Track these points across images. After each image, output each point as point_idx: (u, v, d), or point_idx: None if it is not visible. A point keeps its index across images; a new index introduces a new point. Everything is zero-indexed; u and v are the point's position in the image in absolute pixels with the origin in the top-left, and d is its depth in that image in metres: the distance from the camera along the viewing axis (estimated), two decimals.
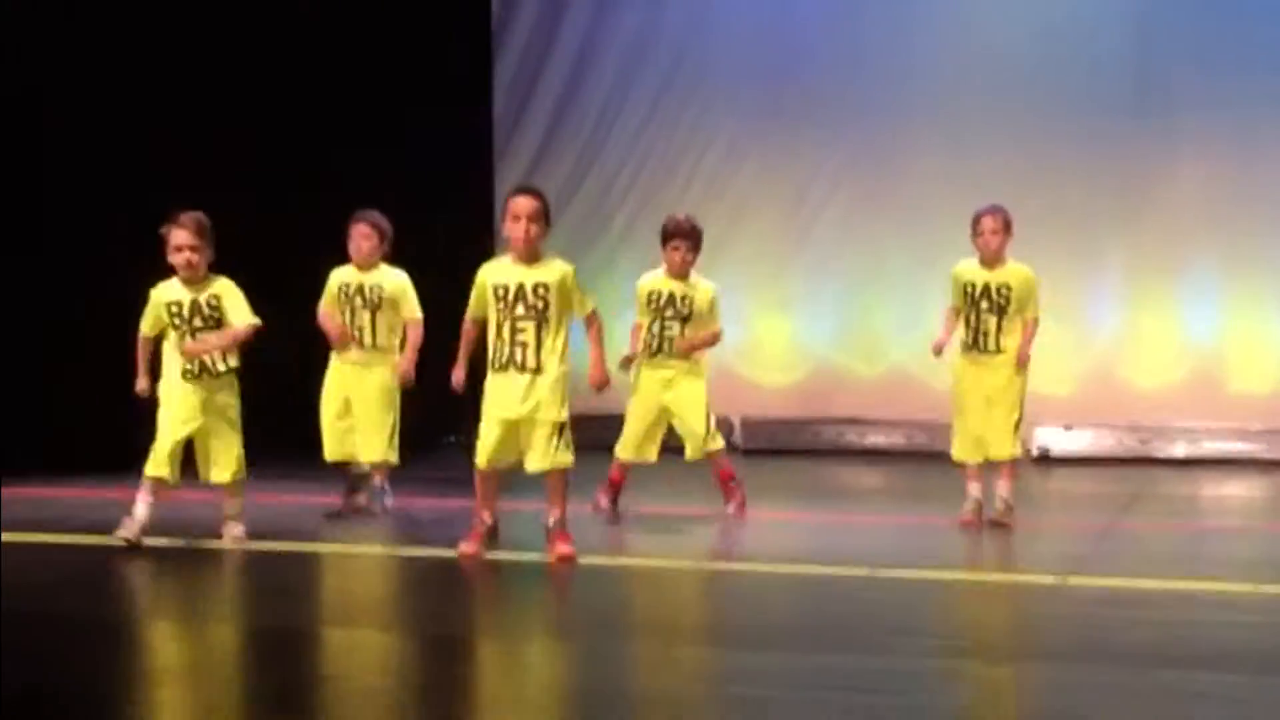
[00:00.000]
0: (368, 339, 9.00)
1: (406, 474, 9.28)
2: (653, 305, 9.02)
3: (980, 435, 8.85)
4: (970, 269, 8.91)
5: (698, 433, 9.03)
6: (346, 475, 9.15)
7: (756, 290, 13.62)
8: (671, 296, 9.01)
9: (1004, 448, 8.82)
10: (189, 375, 7.88)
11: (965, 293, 8.86)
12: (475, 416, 7.62)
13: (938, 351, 8.89)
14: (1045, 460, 12.61)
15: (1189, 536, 9.09)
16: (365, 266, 9.01)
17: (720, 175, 13.76)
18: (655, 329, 9.01)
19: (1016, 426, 8.86)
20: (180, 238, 7.81)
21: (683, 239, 9.03)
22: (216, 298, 7.89)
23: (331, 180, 11.91)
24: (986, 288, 8.82)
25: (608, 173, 14.03)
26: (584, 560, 7.49)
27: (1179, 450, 12.52)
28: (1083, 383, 13.08)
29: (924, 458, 12.62)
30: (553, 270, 7.49)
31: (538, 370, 7.43)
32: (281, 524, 8.58)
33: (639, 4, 14.00)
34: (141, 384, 8.04)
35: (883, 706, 5.09)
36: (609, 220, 13.82)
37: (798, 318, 13.66)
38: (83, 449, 10.25)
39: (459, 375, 7.66)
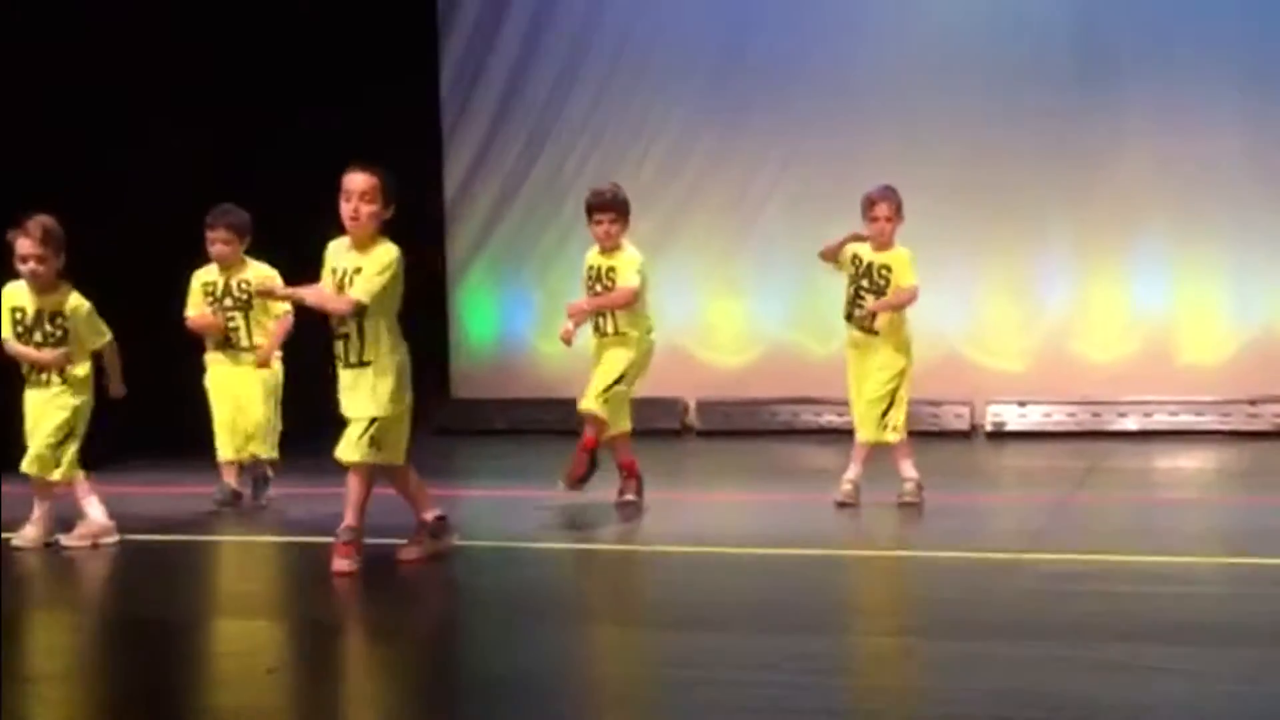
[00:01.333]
0: (244, 339, 8.95)
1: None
2: (587, 282, 8.76)
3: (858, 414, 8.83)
4: (863, 246, 8.84)
5: (595, 390, 8.60)
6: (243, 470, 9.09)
7: (708, 272, 13.59)
8: (598, 271, 8.68)
9: (867, 430, 8.74)
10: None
11: (853, 264, 8.82)
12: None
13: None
14: (999, 436, 12.63)
15: (1143, 509, 9.12)
16: (229, 268, 8.93)
17: (672, 157, 13.71)
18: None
19: (887, 410, 8.72)
20: (24, 246, 7.55)
21: (603, 211, 8.65)
22: (63, 316, 7.67)
23: (277, 164, 11.82)
24: (869, 266, 8.77)
25: (558, 156, 13.96)
26: (536, 545, 7.45)
27: (1131, 423, 12.55)
28: (1035, 358, 13.10)
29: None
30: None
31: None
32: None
33: None
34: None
35: (837, 687, 5.08)
36: (560, 203, 13.74)
37: (750, 299, 13.63)
38: None
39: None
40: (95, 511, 7.77)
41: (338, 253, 7.09)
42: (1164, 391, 12.62)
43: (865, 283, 8.80)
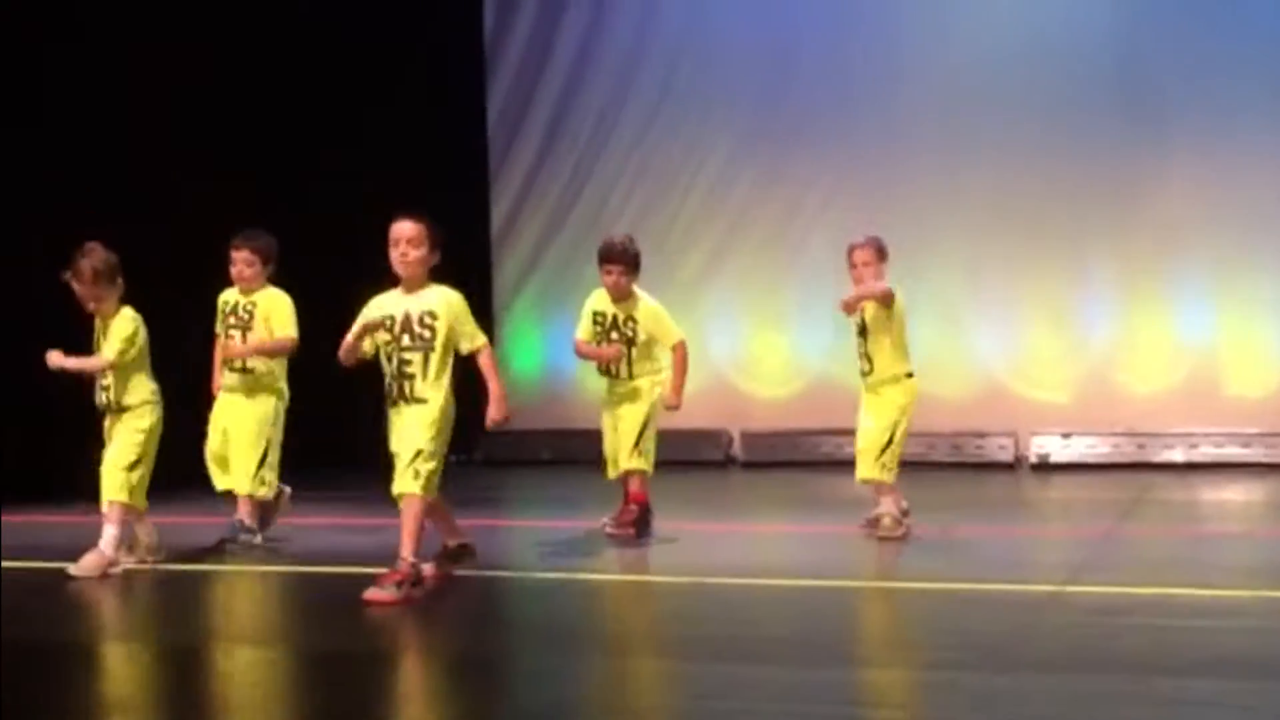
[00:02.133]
0: (239, 361, 8.66)
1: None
2: (599, 325, 8.90)
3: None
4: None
5: (621, 451, 8.82)
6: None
7: (753, 305, 13.64)
8: (615, 319, 8.85)
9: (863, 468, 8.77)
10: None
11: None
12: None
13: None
14: (1043, 467, 12.60)
15: (1187, 542, 9.07)
16: (248, 290, 8.71)
17: (716, 190, 13.78)
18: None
19: (883, 450, 8.68)
20: (79, 289, 7.78)
21: (613, 262, 8.83)
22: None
23: (324, 198, 11.94)
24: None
25: (603, 188, 14.05)
26: (580, 575, 7.48)
27: (1176, 455, 12.51)
28: (1079, 389, 13.08)
29: (920, 467, 12.63)
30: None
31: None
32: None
33: (632, 19, 14.04)
34: None
35: None
36: (604, 235, 13.79)
37: (794, 331, 13.67)
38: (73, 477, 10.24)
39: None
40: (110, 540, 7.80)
41: (389, 302, 7.19)
42: (1209, 423, 12.57)
43: (857, 326, 8.81)
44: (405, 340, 7.10)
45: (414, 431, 7.07)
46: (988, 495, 11.33)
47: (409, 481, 7.01)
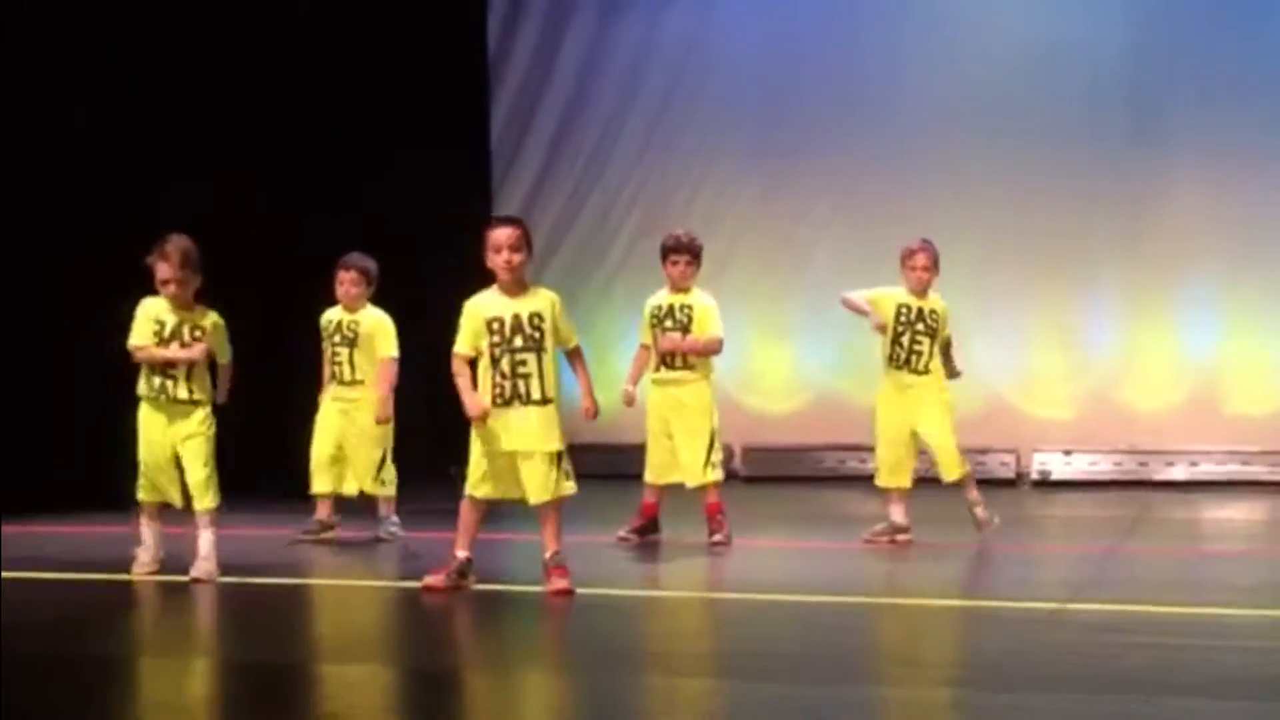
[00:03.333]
0: (347, 374, 9.23)
1: (405, 505, 9.37)
2: (655, 318, 9.14)
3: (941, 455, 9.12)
4: (900, 294, 9.19)
5: (695, 463, 9.07)
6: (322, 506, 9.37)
7: (755, 318, 13.64)
8: (671, 308, 9.15)
9: (951, 467, 9.10)
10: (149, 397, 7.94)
11: (901, 313, 9.12)
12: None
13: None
14: (1045, 484, 12.60)
15: (1189, 560, 9.07)
16: (352, 309, 9.28)
17: (718, 205, 13.80)
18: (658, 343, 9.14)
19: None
20: (164, 271, 7.85)
21: (680, 253, 9.19)
22: (202, 329, 7.95)
23: (327, 213, 11.94)
24: (920, 312, 9.09)
25: (605, 201, 14.07)
26: (583, 590, 7.48)
27: (1178, 473, 12.52)
28: (1081, 406, 13.09)
29: (924, 484, 12.61)
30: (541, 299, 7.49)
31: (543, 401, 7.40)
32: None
33: (635, 35, 14.06)
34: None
35: None
36: (607, 248, 13.86)
37: (798, 345, 13.68)
38: (79, 486, 10.27)
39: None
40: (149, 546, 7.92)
41: (489, 304, 7.39)
42: (1211, 441, 12.58)
43: (920, 327, 9.03)
44: (517, 342, 7.36)
45: (550, 431, 7.34)
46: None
47: (565, 484, 7.43)
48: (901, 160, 13.31)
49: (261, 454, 10.42)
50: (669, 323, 9.12)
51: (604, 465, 10.42)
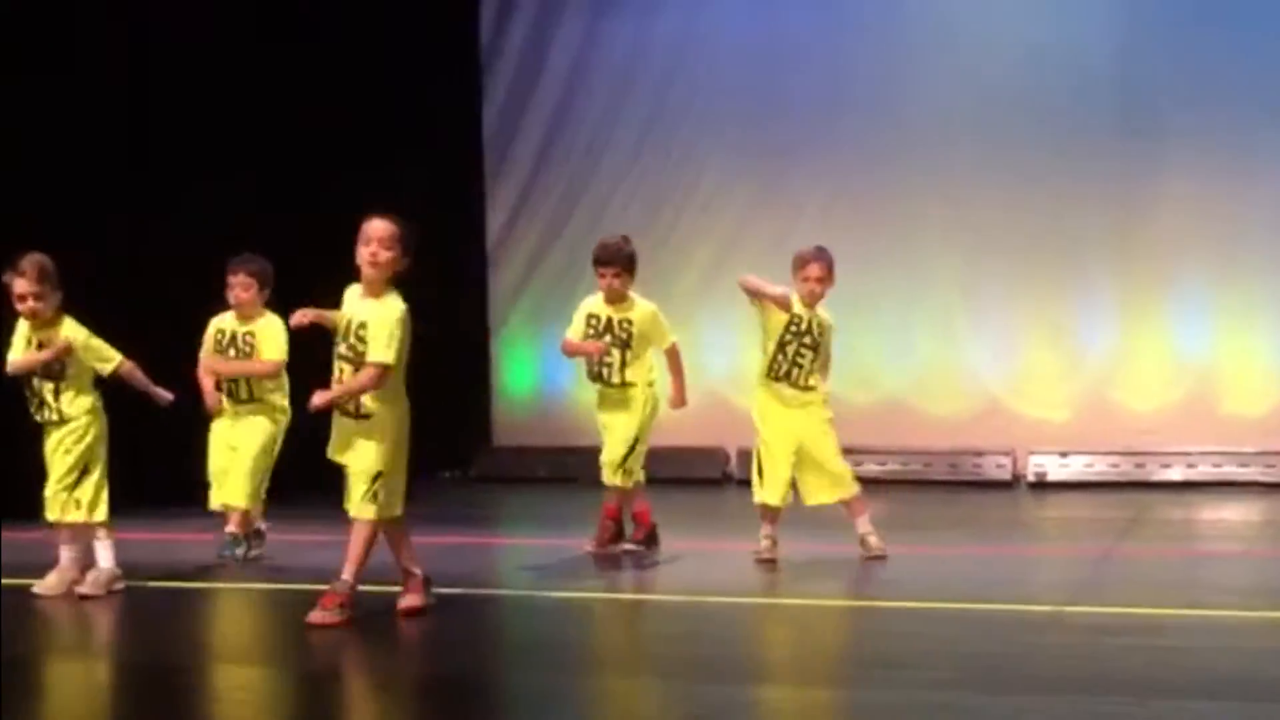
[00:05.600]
0: (242, 392, 8.83)
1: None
2: (592, 328, 8.80)
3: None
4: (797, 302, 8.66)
5: (611, 461, 8.77)
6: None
7: (749, 321, 13.54)
8: (610, 321, 8.77)
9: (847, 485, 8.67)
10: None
11: (789, 324, 8.63)
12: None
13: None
14: (1041, 486, 12.56)
15: (1185, 562, 9.03)
16: (245, 316, 8.85)
17: (711, 206, 13.75)
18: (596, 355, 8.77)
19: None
20: (21, 286, 7.59)
21: (609, 264, 8.72)
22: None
23: (319, 212, 11.88)
24: (809, 324, 8.62)
25: (597, 204, 14.01)
26: (576, 594, 7.44)
27: (1174, 474, 12.48)
28: (1077, 407, 13.05)
29: (918, 486, 12.60)
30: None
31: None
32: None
33: (627, 35, 14.01)
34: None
35: None
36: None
37: None
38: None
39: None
40: (105, 559, 7.73)
41: (351, 299, 7.07)
42: (1207, 441, 12.54)
43: (807, 340, 8.64)
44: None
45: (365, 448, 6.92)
46: (985, 514, 11.28)
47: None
48: (892, 163, 13.26)
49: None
50: (608, 337, 8.72)
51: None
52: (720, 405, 12.86)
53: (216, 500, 8.87)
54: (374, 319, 6.85)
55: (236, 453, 8.78)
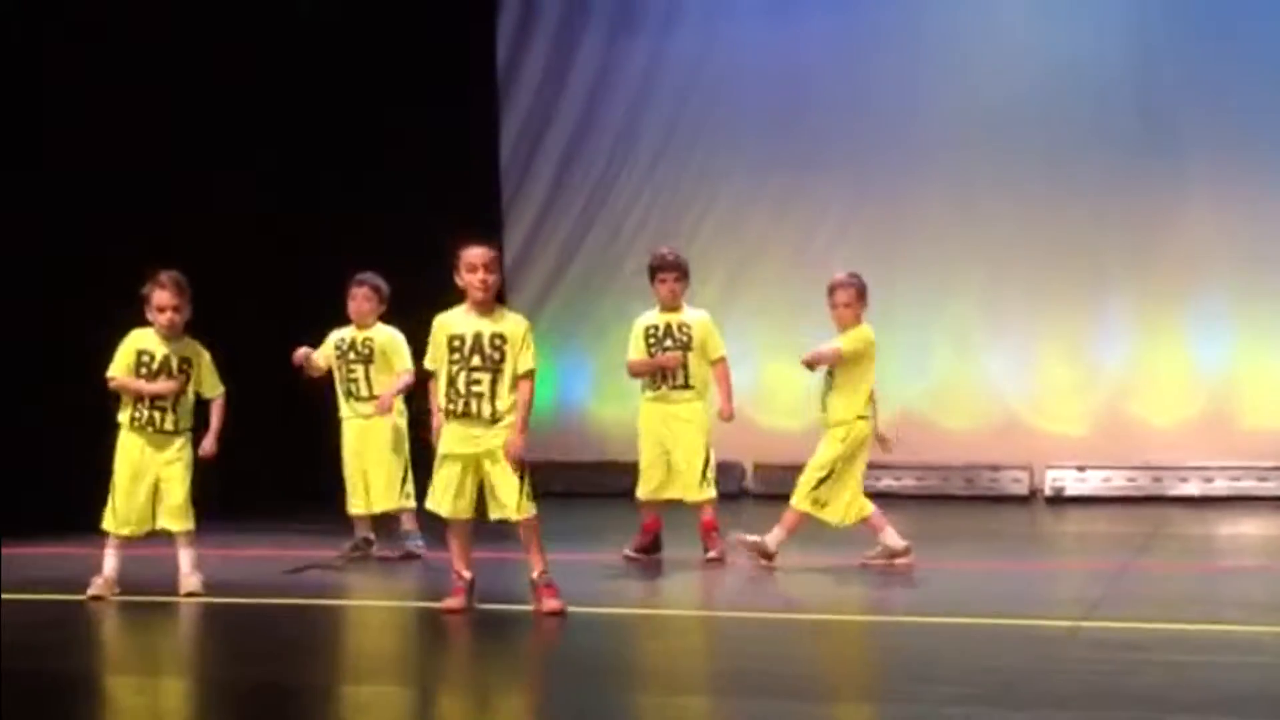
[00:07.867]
0: (364, 391, 9.25)
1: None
2: (651, 340, 9.04)
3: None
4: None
5: (693, 479, 9.08)
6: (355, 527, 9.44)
7: (766, 336, 13.61)
8: (669, 327, 9.08)
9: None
10: (136, 425, 7.89)
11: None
12: None
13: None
14: (1058, 501, 12.55)
15: (1203, 577, 9.02)
16: (363, 326, 9.32)
17: (730, 221, 13.78)
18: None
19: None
20: (162, 298, 7.86)
21: (667, 270, 9.15)
22: (188, 361, 7.95)
23: (338, 229, 11.94)
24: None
25: (616, 221, 14.05)
26: (591, 609, 7.43)
27: (1192, 489, 12.46)
28: (1094, 422, 13.04)
29: (935, 500, 12.59)
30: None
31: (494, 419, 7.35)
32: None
33: (645, 51, 14.06)
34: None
35: None
36: (617, 267, 13.82)
37: None
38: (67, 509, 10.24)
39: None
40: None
41: (457, 320, 7.35)
42: (1225, 456, 12.52)
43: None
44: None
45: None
46: (1002, 529, 11.28)
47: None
48: (911, 179, 13.28)
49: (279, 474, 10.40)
50: (669, 342, 9.07)
51: (619, 484, 10.39)
52: (737, 420, 12.84)
53: (360, 507, 9.32)
54: (511, 332, 7.35)
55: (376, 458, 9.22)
